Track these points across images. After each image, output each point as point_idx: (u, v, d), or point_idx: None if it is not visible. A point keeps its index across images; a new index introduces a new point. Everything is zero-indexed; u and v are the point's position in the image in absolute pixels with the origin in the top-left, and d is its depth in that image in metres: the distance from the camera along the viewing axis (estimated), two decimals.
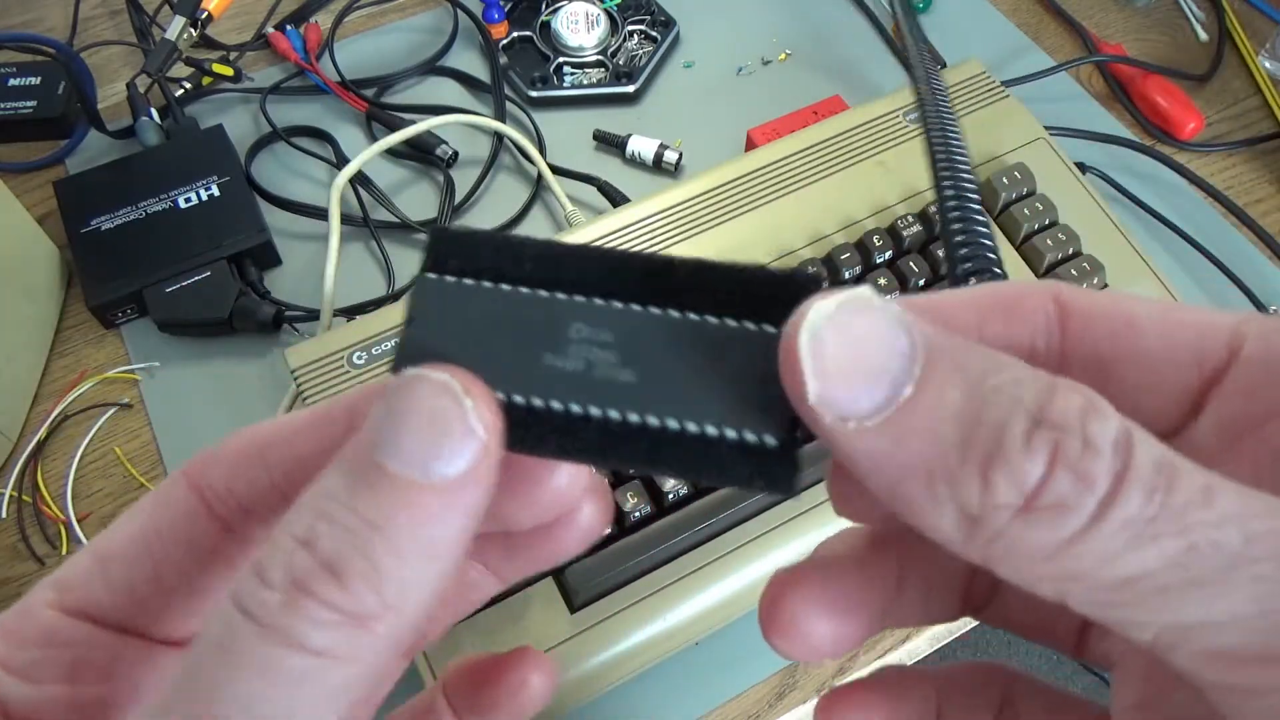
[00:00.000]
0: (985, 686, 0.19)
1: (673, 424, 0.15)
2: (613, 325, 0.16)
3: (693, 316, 0.16)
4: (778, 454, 0.15)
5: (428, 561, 0.14)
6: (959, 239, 0.23)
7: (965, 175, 0.25)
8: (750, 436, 0.15)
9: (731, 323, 0.16)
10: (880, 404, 0.13)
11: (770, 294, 0.16)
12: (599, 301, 0.16)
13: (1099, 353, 0.16)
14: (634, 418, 0.15)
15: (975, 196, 0.24)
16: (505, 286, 0.16)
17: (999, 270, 0.23)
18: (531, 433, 0.15)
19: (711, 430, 0.15)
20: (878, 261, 0.47)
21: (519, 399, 0.15)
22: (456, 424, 0.14)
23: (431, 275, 0.16)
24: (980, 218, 0.24)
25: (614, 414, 0.15)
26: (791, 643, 0.17)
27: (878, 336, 0.13)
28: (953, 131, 0.26)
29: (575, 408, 0.15)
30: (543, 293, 0.16)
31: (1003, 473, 0.12)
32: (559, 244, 0.16)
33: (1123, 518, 0.12)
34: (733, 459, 0.15)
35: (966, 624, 0.43)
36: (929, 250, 0.47)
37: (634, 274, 0.16)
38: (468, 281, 0.16)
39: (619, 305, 0.16)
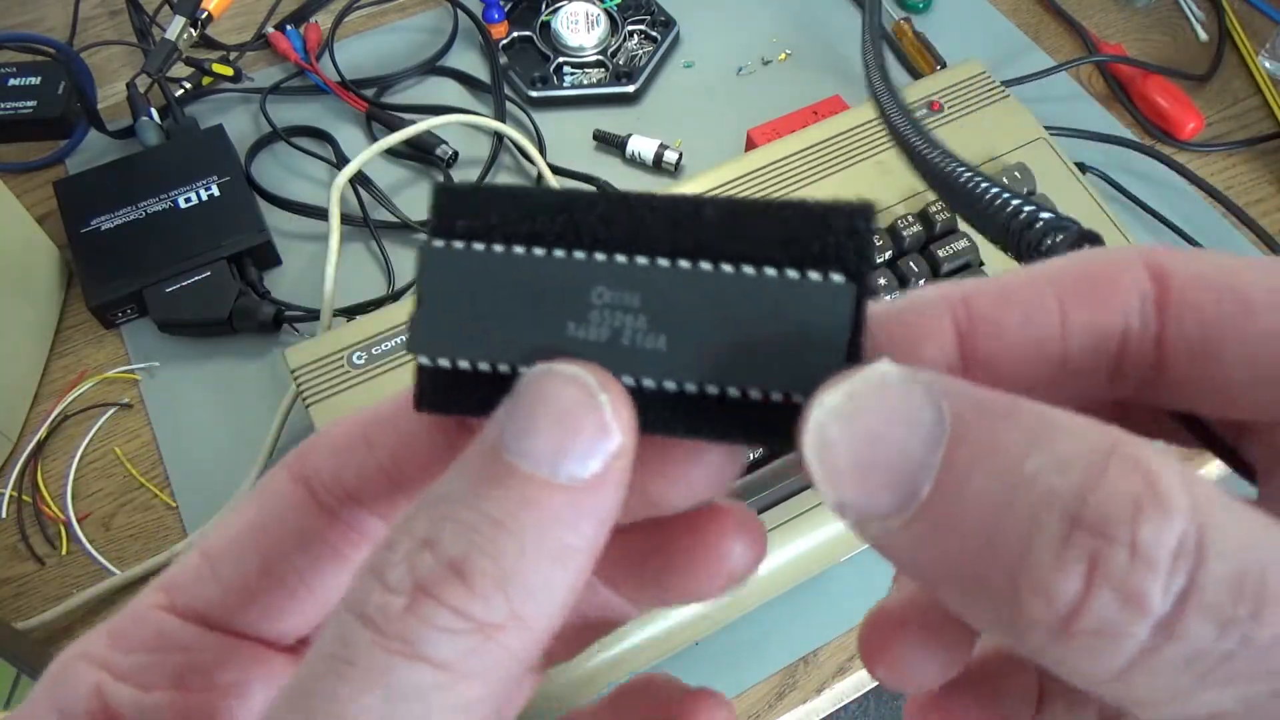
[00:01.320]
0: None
1: (713, 390, 0.14)
2: (639, 286, 0.14)
3: (727, 269, 0.14)
4: None
5: (555, 567, 0.13)
6: (1013, 205, 0.21)
7: (961, 163, 0.23)
8: (799, 398, 0.13)
9: (771, 272, 0.14)
10: (901, 503, 0.11)
11: (811, 234, 0.14)
12: (621, 260, 0.14)
13: (1205, 338, 0.13)
14: (671, 386, 0.14)
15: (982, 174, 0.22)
16: (518, 249, 0.15)
17: (1071, 224, 0.20)
18: None
19: (755, 395, 0.14)
20: (877, 262, 0.47)
21: None
22: (590, 422, 0.13)
23: (438, 243, 0.15)
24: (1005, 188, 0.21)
25: (649, 383, 0.14)
26: (898, 678, 0.16)
27: (896, 423, 0.12)
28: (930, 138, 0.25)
29: None
30: (559, 253, 0.14)
31: (1032, 589, 0.10)
32: (573, 193, 0.15)
33: (1187, 652, 0.10)
34: (786, 424, 0.13)
35: None
36: (929, 250, 0.47)
37: (659, 223, 0.14)
38: (477, 247, 0.15)
39: (644, 262, 0.14)
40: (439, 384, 0.15)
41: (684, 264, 0.14)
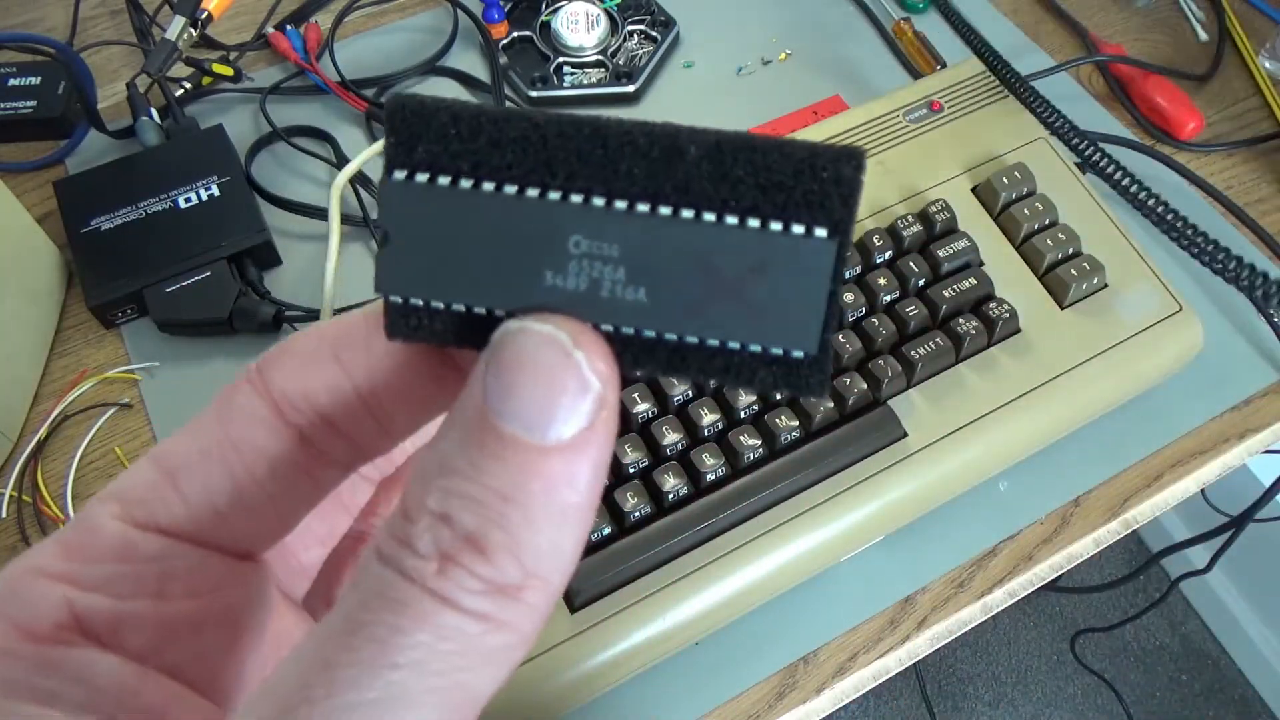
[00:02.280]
0: None
1: (692, 340, 0.14)
2: (618, 236, 0.14)
3: (709, 218, 0.14)
4: (808, 363, 0.14)
5: (561, 525, 0.13)
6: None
7: None
8: (777, 350, 0.14)
9: (754, 223, 0.14)
10: None
11: (796, 180, 0.14)
12: (598, 204, 0.14)
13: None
14: (649, 334, 0.14)
15: None
16: (488, 186, 0.14)
17: None
18: None
19: (734, 345, 0.14)
20: (878, 261, 0.47)
21: None
22: (570, 380, 0.13)
23: (399, 175, 0.14)
24: None
25: (628, 330, 0.14)
26: None
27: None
28: None
29: None
30: (532, 193, 0.14)
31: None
32: (543, 119, 0.14)
33: None
34: (759, 371, 0.14)
35: (967, 623, 0.43)
36: (929, 250, 0.47)
37: (638, 161, 0.14)
38: (443, 182, 0.14)
39: (622, 208, 0.14)
40: (412, 316, 0.15)
41: (665, 211, 0.14)
